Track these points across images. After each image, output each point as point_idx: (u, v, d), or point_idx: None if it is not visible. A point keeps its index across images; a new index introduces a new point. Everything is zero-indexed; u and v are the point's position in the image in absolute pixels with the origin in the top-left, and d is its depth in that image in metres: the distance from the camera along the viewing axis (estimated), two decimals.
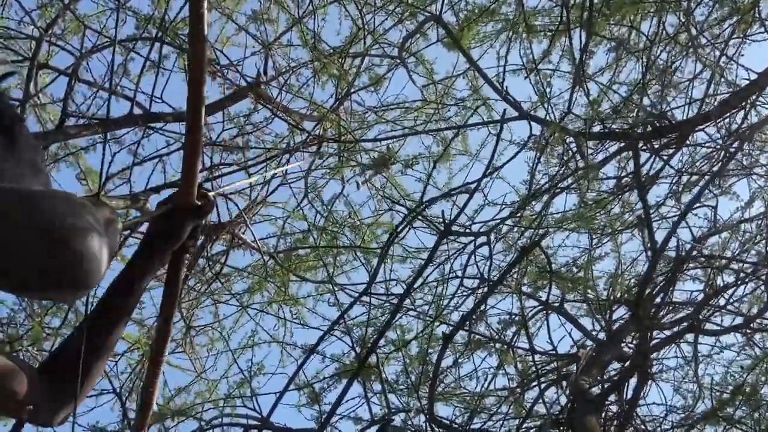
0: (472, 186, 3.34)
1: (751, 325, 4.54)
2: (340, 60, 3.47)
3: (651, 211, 3.76)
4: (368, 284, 3.49)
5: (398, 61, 3.56)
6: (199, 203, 1.17)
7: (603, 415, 4.42)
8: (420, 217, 3.56)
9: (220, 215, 3.72)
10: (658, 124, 3.62)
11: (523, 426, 4.27)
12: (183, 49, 3.34)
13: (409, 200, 3.74)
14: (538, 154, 3.51)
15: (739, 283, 4.57)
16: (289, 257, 4.12)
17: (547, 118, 3.38)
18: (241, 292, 4.04)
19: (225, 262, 3.94)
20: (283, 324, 4.04)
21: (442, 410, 4.39)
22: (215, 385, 4.20)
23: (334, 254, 4.13)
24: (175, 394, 3.92)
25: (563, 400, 4.51)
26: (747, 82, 3.49)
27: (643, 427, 4.57)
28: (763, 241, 4.38)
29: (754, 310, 4.61)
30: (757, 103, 3.60)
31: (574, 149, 3.57)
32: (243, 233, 3.95)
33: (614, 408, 4.60)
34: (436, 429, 3.79)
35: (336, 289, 3.93)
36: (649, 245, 3.91)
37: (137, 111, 3.28)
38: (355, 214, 4.13)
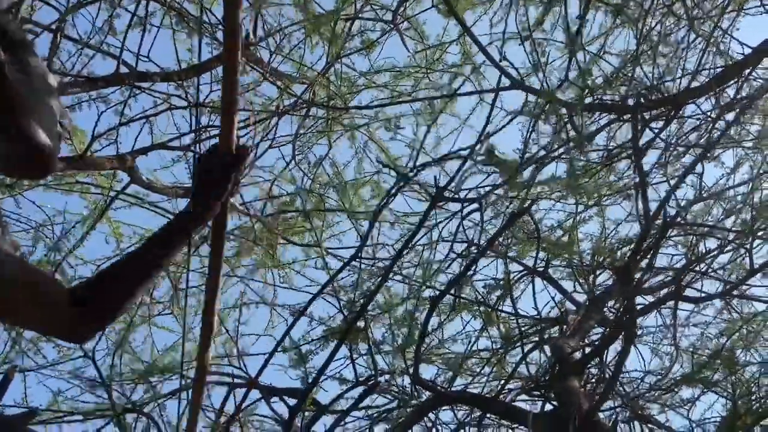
0: (465, 152, 3.33)
1: (732, 292, 4.63)
2: (331, 22, 3.40)
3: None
4: (358, 249, 3.51)
5: (391, 26, 3.49)
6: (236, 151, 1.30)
7: (584, 378, 4.53)
8: (412, 183, 3.56)
9: None
10: (650, 96, 3.60)
11: (505, 388, 4.37)
12: (170, 6, 3.26)
13: (398, 166, 3.73)
14: (531, 122, 3.50)
15: (721, 250, 4.64)
16: (277, 221, 4.12)
17: (542, 86, 3.36)
18: (228, 256, 4.05)
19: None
20: (272, 287, 4.07)
21: (426, 371, 4.47)
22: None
23: (322, 217, 4.14)
24: (163, 353, 3.97)
25: (545, 363, 4.61)
26: (741, 56, 3.47)
27: (621, 389, 4.69)
28: (747, 208, 4.41)
29: (734, 277, 4.69)
30: (750, 77, 3.58)
31: (566, 119, 3.56)
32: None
33: (594, 371, 4.71)
34: (421, 390, 3.87)
35: (324, 253, 3.95)
36: (642, 212, 3.94)
37: (123, 70, 3.22)
38: (340, 174, 4.11)
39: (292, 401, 3.49)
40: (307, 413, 3.62)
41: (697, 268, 4.67)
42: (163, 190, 3.50)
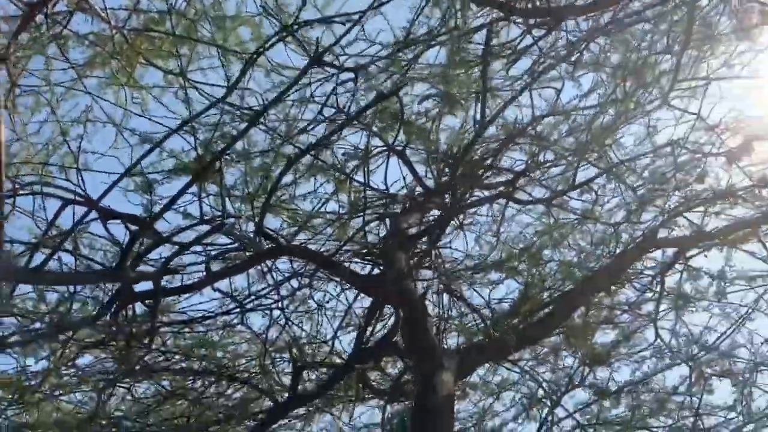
0: (354, 17, 3.27)
1: (553, 201, 5.18)
2: None
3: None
4: (228, 91, 3.39)
5: None
6: None
7: (411, 252, 4.92)
8: (293, 36, 3.45)
9: None
10: (537, 2, 3.72)
11: (342, 249, 4.64)
12: None
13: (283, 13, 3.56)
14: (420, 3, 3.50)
15: (554, 163, 5.12)
16: (141, 38, 3.82)
17: None
18: (80, 63, 3.73)
19: (66, 26, 3.57)
20: (123, 108, 3.85)
21: (271, 223, 4.58)
22: (36, 150, 4.02)
23: (191, 47, 3.89)
24: None
25: (383, 234, 4.93)
26: None
27: (443, 267, 5.19)
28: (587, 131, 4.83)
29: (560, 188, 5.22)
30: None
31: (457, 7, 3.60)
32: None
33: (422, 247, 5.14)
34: (262, 241, 3.98)
35: (187, 85, 3.76)
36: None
37: None
38: (220, 5, 3.85)
39: (133, 227, 3.43)
40: (146, 241, 3.59)
41: (533, 176, 5.16)
42: None
